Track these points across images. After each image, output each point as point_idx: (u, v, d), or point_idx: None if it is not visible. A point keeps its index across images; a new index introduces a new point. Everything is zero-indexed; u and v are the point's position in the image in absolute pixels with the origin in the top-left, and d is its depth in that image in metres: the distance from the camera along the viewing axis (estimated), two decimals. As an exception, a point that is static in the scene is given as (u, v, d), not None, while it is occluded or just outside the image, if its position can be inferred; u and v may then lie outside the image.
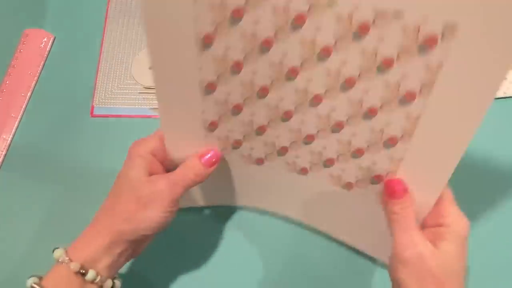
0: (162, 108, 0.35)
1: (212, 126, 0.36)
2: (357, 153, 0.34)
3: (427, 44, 0.26)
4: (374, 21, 0.26)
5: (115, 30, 0.57)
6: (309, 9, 0.27)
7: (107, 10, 0.58)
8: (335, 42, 0.28)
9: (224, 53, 0.31)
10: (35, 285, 0.34)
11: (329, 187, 0.39)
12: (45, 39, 0.57)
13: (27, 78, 0.55)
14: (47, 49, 0.57)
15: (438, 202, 0.34)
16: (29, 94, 0.54)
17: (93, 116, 0.53)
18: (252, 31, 0.29)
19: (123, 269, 0.42)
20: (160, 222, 0.36)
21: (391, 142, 0.32)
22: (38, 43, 0.57)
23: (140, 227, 0.36)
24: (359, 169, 0.35)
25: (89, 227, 0.37)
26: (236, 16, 0.28)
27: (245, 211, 0.48)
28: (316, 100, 0.32)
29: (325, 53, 0.29)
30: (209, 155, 0.37)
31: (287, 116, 0.34)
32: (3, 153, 0.52)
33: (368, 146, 0.33)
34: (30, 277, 0.35)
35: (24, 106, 0.54)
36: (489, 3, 0.23)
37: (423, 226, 0.35)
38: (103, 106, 0.53)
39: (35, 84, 0.55)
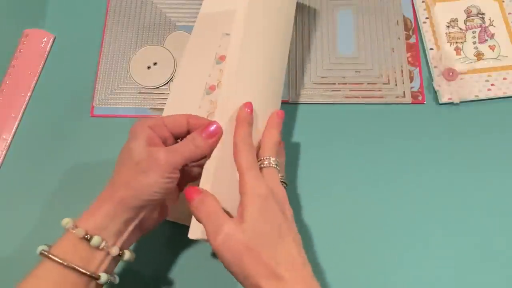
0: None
1: (211, 90, 0.48)
2: (210, 89, 0.48)
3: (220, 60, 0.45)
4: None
5: (115, 30, 0.57)
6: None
7: (107, 10, 0.58)
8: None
9: None
10: (44, 252, 0.35)
11: None
12: (45, 39, 0.57)
13: (27, 78, 0.55)
14: (47, 49, 0.57)
15: (239, 174, 0.36)
16: (29, 94, 0.54)
17: (93, 116, 0.53)
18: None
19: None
20: (159, 188, 0.37)
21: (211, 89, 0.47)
22: (38, 43, 0.57)
23: (140, 192, 0.36)
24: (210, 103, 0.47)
25: (97, 197, 0.38)
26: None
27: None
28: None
29: (221, 58, 0.47)
30: (211, 127, 0.38)
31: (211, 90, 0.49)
32: (3, 153, 0.52)
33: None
34: (40, 245, 0.36)
35: (24, 106, 0.54)
36: None
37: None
38: (103, 106, 0.53)
39: (35, 84, 0.55)
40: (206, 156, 0.39)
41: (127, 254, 0.38)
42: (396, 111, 0.52)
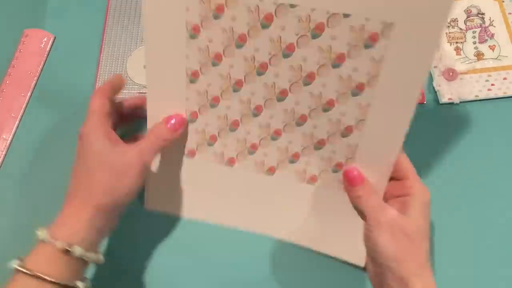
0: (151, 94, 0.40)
1: (193, 117, 0.41)
2: (319, 144, 0.39)
3: (371, 40, 0.32)
4: (327, 22, 0.33)
5: (115, 30, 0.57)
6: (275, 10, 0.33)
7: (107, 10, 0.58)
8: (297, 40, 0.34)
9: (207, 44, 0.36)
10: (20, 268, 0.34)
11: (295, 184, 0.42)
12: (45, 39, 0.57)
13: (27, 78, 0.55)
14: (47, 49, 0.57)
15: (403, 177, 0.38)
16: (29, 94, 0.54)
17: (93, 116, 0.53)
18: (230, 26, 0.35)
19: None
20: (135, 189, 0.39)
21: (347, 131, 0.37)
22: (38, 43, 0.57)
23: (120, 197, 0.37)
24: (321, 160, 0.40)
25: (67, 203, 0.37)
26: (219, 12, 0.34)
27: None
28: (282, 95, 0.37)
29: (289, 50, 0.35)
30: (173, 120, 0.40)
31: (257, 111, 0.39)
32: (3, 153, 0.52)
33: (328, 137, 0.38)
34: (13, 260, 0.34)
35: (24, 106, 0.54)
36: (418, 6, 0.30)
37: (389, 198, 0.39)
38: (103, 106, 0.53)
39: (35, 84, 0.55)
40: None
41: (100, 258, 0.38)
42: (396, 111, 0.52)
